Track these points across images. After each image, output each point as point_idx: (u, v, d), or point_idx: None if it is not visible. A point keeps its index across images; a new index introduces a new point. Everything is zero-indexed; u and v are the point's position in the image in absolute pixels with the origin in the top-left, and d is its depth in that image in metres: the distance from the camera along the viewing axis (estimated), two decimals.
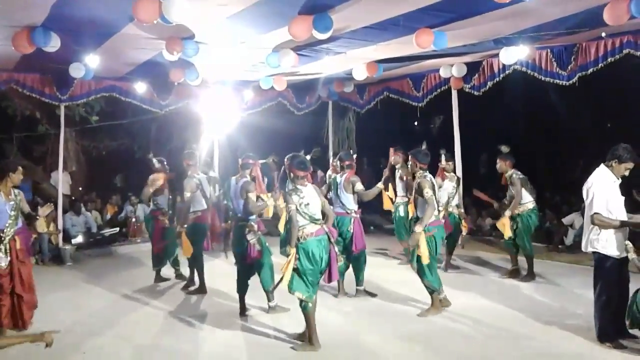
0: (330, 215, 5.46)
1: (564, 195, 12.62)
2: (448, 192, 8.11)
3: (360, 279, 6.95)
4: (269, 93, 11.41)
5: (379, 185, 6.88)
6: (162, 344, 5.40)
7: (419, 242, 5.78)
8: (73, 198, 12.55)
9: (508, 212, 7.53)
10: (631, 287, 4.89)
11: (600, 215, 4.85)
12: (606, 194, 4.86)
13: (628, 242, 4.76)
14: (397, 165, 8.31)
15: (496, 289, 7.15)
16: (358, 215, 6.91)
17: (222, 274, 7.59)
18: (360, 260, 6.91)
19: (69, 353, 5.16)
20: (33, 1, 5.84)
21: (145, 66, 8.98)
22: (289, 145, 7.85)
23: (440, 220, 6.17)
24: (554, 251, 9.81)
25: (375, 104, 11.79)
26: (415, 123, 16.66)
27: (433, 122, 16.79)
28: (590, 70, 7.67)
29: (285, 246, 5.52)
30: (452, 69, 9.48)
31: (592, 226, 4.95)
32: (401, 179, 8.31)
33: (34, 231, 9.66)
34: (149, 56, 8.25)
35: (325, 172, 7.17)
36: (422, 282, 6.07)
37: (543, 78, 8.29)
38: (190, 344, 5.40)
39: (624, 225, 4.82)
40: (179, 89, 10.64)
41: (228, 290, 7.06)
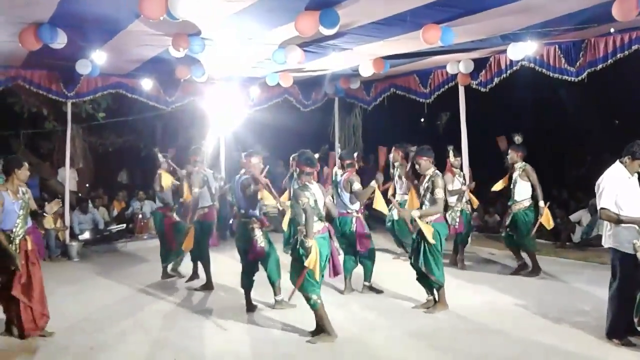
0: (333, 213, 5.52)
1: (571, 192, 12.57)
2: (458, 190, 8.11)
3: (367, 275, 6.94)
4: (275, 90, 11.39)
5: (372, 185, 6.83)
6: (169, 340, 5.41)
7: (422, 228, 5.79)
8: (80, 195, 12.59)
9: (542, 203, 7.40)
10: None
11: (607, 210, 4.82)
12: (616, 190, 4.81)
13: (636, 241, 4.70)
14: (396, 163, 8.26)
15: (503, 285, 7.12)
16: (360, 214, 6.90)
17: (228, 269, 7.59)
18: (369, 257, 6.90)
19: (76, 348, 5.19)
20: None
21: (151, 63, 8.99)
22: (295, 142, 7.86)
23: (442, 217, 6.16)
24: (561, 248, 9.76)
25: (381, 100, 11.75)
26: (422, 120, 16.61)
27: (440, 119, 16.73)
28: (599, 66, 7.60)
29: (288, 244, 5.54)
30: (459, 65, 9.43)
31: (606, 222, 4.92)
32: (400, 177, 8.27)
33: (41, 228, 9.77)
34: (155, 53, 8.25)
35: (322, 168, 7.14)
36: (430, 279, 6.05)
37: (551, 74, 8.23)
38: (196, 339, 5.41)
39: (628, 222, 4.75)
40: (185, 85, 10.64)
41: (234, 286, 7.07)
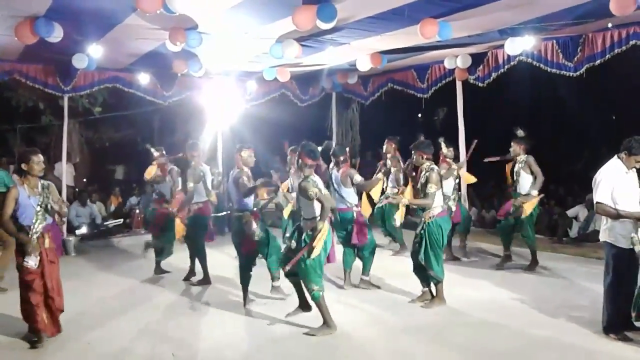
0: (332, 204, 5.58)
1: (568, 187, 12.60)
2: (453, 183, 8.10)
3: (366, 269, 6.93)
4: (272, 84, 11.37)
5: (379, 176, 6.82)
6: (167, 335, 5.40)
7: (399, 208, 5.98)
8: (77, 189, 12.58)
9: (535, 192, 7.44)
10: None
11: (602, 204, 4.83)
12: (612, 184, 4.82)
13: (634, 235, 4.71)
14: (389, 155, 8.25)
15: (500, 280, 7.13)
16: (360, 208, 6.91)
17: (226, 264, 7.59)
18: (369, 251, 6.90)
19: (73, 343, 5.18)
20: None
21: (148, 57, 8.96)
22: (292, 137, 7.83)
23: (445, 211, 6.16)
24: (558, 243, 9.78)
25: (379, 95, 11.72)
26: (419, 115, 16.63)
27: (437, 114, 16.74)
28: (598, 61, 7.59)
29: (284, 237, 5.57)
30: (457, 60, 9.42)
31: (603, 216, 4.93)
32: (386, 174, 8.25)
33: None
34: (152, 47, 8.23)
35: (328, 165, 7.13)
36: (429, 273, 6.06)
37: (549, 69, 8.21)
38: (194, 334, 5.41)
39: (624, 217, 4.76)
40: (182, 80, 10.62)
41: (232, 280, 7.08)
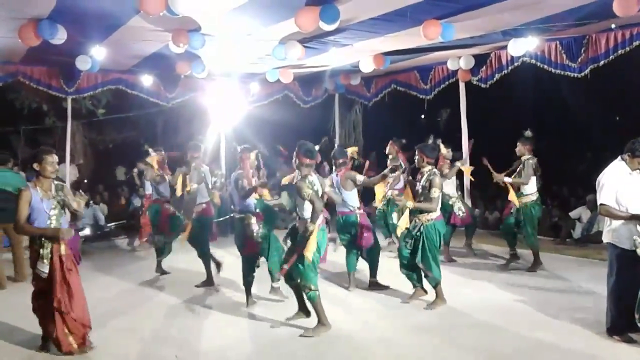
0: (336, 199, 5.80)
1: (571, 188, 12.57)
2: (455, 183, 8.13)
3: (373, 271, 6.98)
4: (275, 86, 11.38)
5: (386, 172, 6.84)
6: (170, 336, 5.41)
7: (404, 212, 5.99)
8: (80, 191, 12.60)
9: (507, 179, 7.54)
10: None
11: (606, 206, 4.82)
12: (616, 186, 4.81)
13: (636, 238, 4.69)
14: (391, 156, 8.26)
15: (503, 282, 7.12)
16: (362, 210, 6.91)
17: (229, 265, 7.59)
18: (374, 253, 6.94)
19: None
20: None
21: (151, 59, 8.97)
22: (295, 139, 7.81)
23: (442, 216, 6.21)
24: (561, 245, 9.76)
25: (382, 96, 11.71)
26: (422, 116, 16.61)
27: (440, 115, 16.72)
28: (602, 62, 7.57)
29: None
30: (460, 61, 9.41)
31: (606, 217, 4.93)
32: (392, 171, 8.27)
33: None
34: (155, 49, 8.23)
35: (331, 168, 7.16)
36: (426, 276, 6.10)
37: (553, 70, 8.19)
38: (197, 335, 5.42)
39: (631, 219, 4.74)
40: (185, 81, 10.63)
41: (234, 281, 7.08)
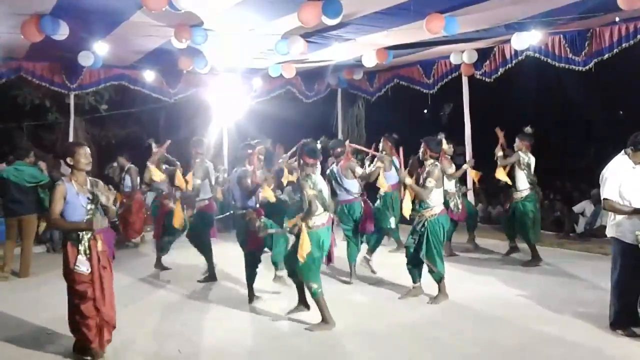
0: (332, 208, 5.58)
1: (574, 183, 12.54)
2: (454, 180, 8.14)
3: (370, 249, 7.14)
4: (277, 81, 11.37)
5: (379, 165, 6.85)
6: (172, 331, 5.42)
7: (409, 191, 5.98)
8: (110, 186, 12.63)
9: (500, 154, 7.74)
10: None
11: (609, 200, 4.80)
12: (619, 180, 4.78)
13: (638, 233, 4.68)
14: (384, 153, 8.26)
15: (506, 276, 7.11)
16: (365, 197, 6.97)
17: (231, 261, 7.60)
18: (376, 237, 7.10)
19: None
20: None
21: (154, 54, 8.98)
22: (297, 134, 7.82)
23: (445, 210, 6.20)
24: (564, 239, 9.74)
25: (385, 91, 11.71)
26: (425, 110, 16.58)
27: (443, 110, 16.68)
28: (606, 55, 7.55)
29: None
30: (463, 55, 9.39)
31: (609, 212, 4.92)
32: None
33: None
34: (157, 44, 8.24)
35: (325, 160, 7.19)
36: (431, 271, 6.08)
37: (557, 64, 8.17)
38: (200, 331, 5.43)
39: (634, 213, 4.72)
40: (188, 77, 10.63)
41: (237, 277, 7.09)
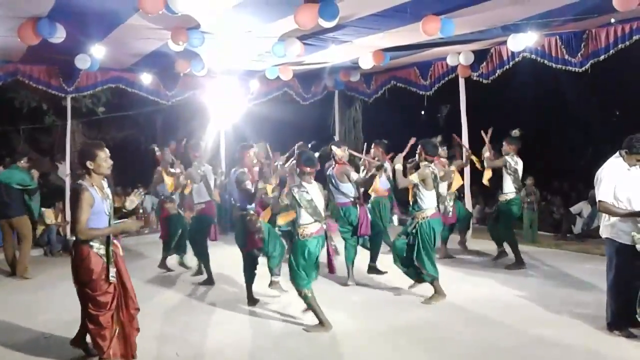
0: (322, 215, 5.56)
1: (572, 183, 12.58)
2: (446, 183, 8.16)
3: (373, 257, 7.15)
4: (275, 83, 11.38)
5: (375, 173, 6.86)
6: (171, 334, 5.41)
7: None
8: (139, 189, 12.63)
9: (511, 191, 7.66)
10: None
11: (604, 202, 4.81)
12: (614, 182, 4.80)
13: (635, 234, 4.69)
14: (376, 158, 8.27)
15: (503, 277, 7.13)
16: (361, 201, 6.98)
17: (229, 263, 7.60)
18: (377, 239, 7.13)
19: None
20: None
21: (151, 57, 8.97)
22: (295, 136, 7.84)
23: (438, 213, 6.22)
24: (562, 240, 9.77)
25: (382, 93, 11.73)
26: (422, 112, 16.60)
27: (440, 111, 16.72)
28: (602, 57, 7.58)
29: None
30: (460, 57, 9.41)
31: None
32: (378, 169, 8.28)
33: (42, 223, 9.79)
34: (154, 47, 8.24)
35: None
36: (423, 273, 6.14)
37: (554, 65, 8.20)
38: (198, 333, 5.42)
39: (629, 215, 4.73)
40: (185, 79, 10.63)
41: (235, 279, 7.09)
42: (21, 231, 7.99)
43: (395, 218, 7.57)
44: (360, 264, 7.18)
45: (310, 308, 5.34)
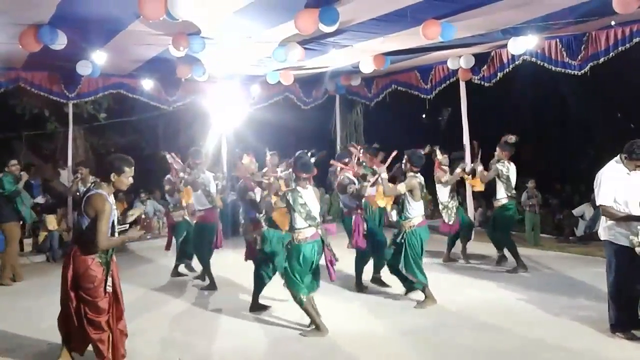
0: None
1: (574, 186, 12.55)
2: (448, 191, 8.15)
3: (376, 268, 7.09)
4: (275, 88, 11.39)
5: (365, 184, 6.83)
6: (173, 340, 5.41)
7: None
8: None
9: (502, 197, 7.73)
10: None
11: (605, 206, 4.85)
12: (614, 186, 4.82)
13: (633, 237, 4.70)
14: (364, 164, 8.27)
15: (505, 280, 7.12)
16: (360, 213, 6.89)
17: (234, 268, 7.59)
18: (380, 251, 7.00)
19: None
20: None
21: (152, 63, 9.00)
22: (296, 140, 7.85)
23: (425, 221, 6.23)
24: (564, 243, 9.75)
25: (383, 97, 11.75)
26: (424, 115, 16.61)
27: (442, 114, 16.73)
28: (602, 59, 7.58)
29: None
30: (460, 61, 9.42)
31: (602, 214, 4.97)
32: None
33: (44, 229, 9.80)
34: (155, 52, 8.26)
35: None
36: (412, 280, 6.17)
37: (553, 68, 8.21)
38: (201, 338, 5.42)
39: (630, 219, 4.74)
40: (186, 85, 10.65)
41: (238, 284, 7.10)
42: (7, 237, 7.99)
43: (394, 213, 7.52)
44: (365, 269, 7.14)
45: (306, 313, 5.34)
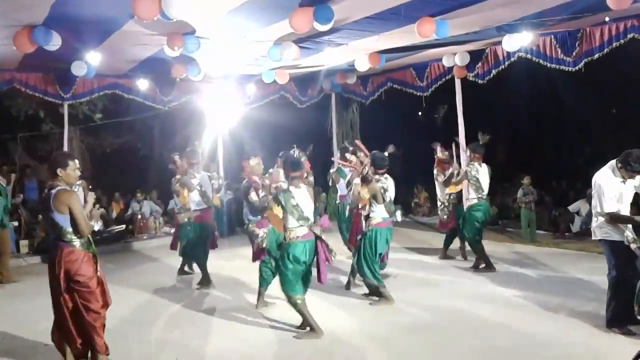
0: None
1: (570, 182, 12.59)
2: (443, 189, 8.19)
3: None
4: (271, 87, 11.39)
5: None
6: (170, 339, 5.41)
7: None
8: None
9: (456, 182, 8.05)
10: None
11: (612, 213, 4.87)
12: (613, 192, 4.90)
13: (628, 234, 4.74)
14: (340, 165, 8.25)
15: (501, 277, 7.14)
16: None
17: (230, 267, 7.61)
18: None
19: None
20: (33, 0, 5.83)
21: (147, 63, 8.97)
22: (292, 139, 7.83)
23: (387, 223, 6.22)
24: (560, 239, 9.78)
25: (379, 95, 11.74)
26: (420, 113, 16.63)
27: (438, 112, 16.75)
28: (596, 55, 7.60)
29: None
30: (455, 58, 9.42)
31: (593, 216, 5.03)
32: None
33: (41, 229, 9.79)
34: (150, 52, 8.24)
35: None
36: (364, 282, 6.22)
37: (548, 65, 8.21)
38: (197, 338, 5.42)
39: (635, 223, 4.83)
40: (182, 84, 10.63)
41: (235, 284, 7.10)
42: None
43: (399, 214, 7.60)
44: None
45: (301, 315, 5.33)
